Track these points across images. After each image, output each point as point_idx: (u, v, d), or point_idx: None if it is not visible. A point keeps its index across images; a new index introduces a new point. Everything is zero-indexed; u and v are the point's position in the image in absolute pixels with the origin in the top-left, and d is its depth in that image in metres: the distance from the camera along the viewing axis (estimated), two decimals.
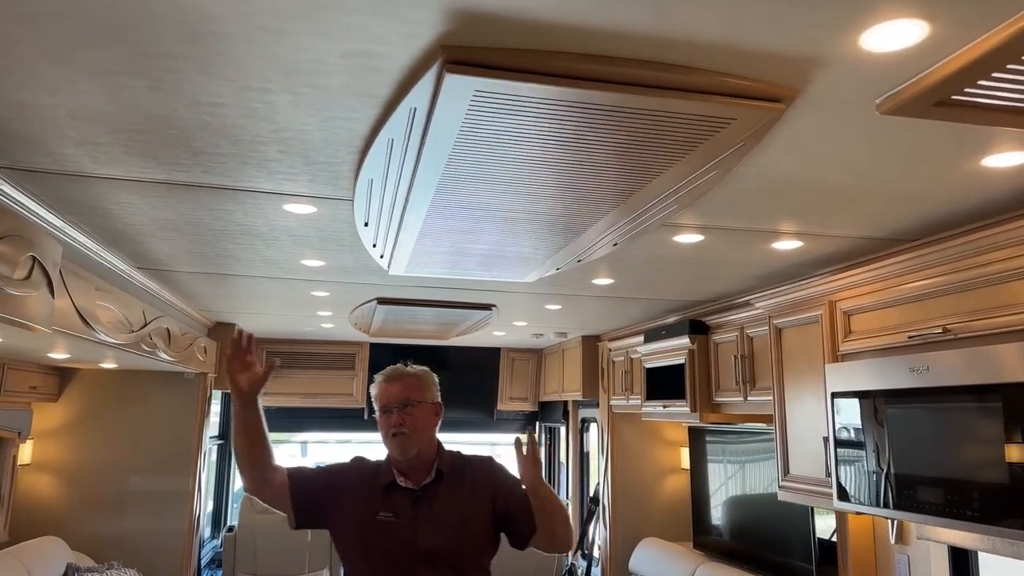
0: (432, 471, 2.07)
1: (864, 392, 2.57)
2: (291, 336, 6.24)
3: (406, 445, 2.03)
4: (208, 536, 6.04)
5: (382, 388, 2.13)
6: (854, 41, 1.29)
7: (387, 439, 2.07)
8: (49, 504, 4.65)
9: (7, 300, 2.03)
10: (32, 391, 4.34)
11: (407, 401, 2.07)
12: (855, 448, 2.63)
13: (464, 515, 2.03)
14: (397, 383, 2.12)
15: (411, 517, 2.00)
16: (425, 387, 2.15)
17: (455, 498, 2.05)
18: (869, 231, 2.52)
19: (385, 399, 2.09)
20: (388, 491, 2.04)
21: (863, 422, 2.60)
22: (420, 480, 2.05)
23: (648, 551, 4.82)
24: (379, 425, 2.11)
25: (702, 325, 4.08)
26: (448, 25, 1.28)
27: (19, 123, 1.72)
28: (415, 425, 2.05)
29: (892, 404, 2.45)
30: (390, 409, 2.07)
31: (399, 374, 2.16)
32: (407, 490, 2.04)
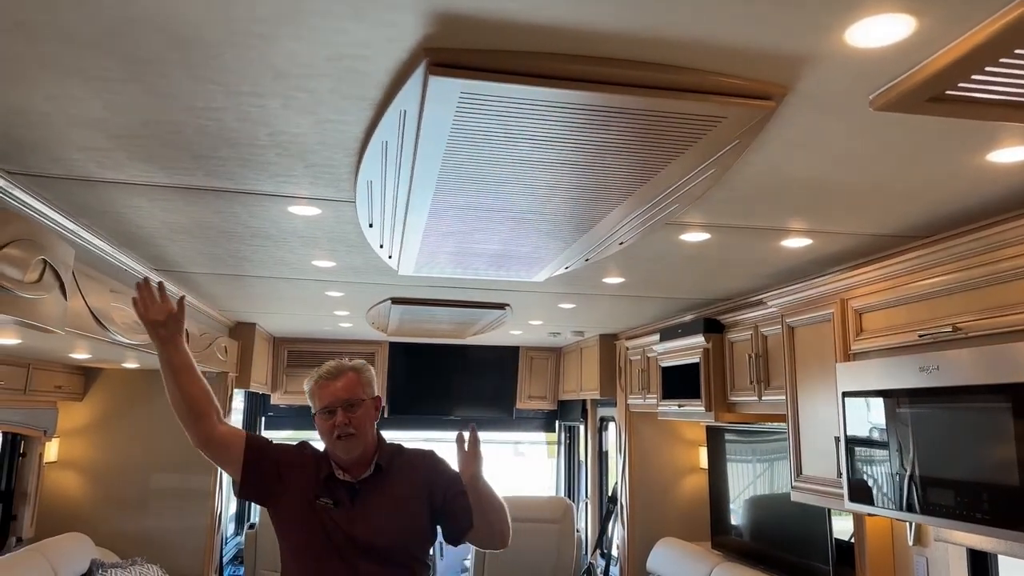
0: (371, 466, 2.05)
1: (874, 392, 2.53)
2: (311, 336, 6.31)
3: (351, 446, 2.01)
4: (232, 533, 6.14)
5: (322, 386, 2.06)
6: (839, 37, 1.28)
7: (330, 440, 2.02)
8: (75, 501, 4.75)
9: (18, 302, 2.09)
10: (57, 390, 4.44)
11: (351, 400, 2.03)
12: (867, 448, 2.59)
13: (401, 508, 2.03)
14: (338, 381, 2.05)
15: (348, 508, 1.99)
16: (366, 383, 2.11)
17: (392, 491, 2.04)
18: (878, 228, 2.48)
19: (327, 399, 2.03)
20: (327, 481, 2.02)
21: (873, 422, 2.56)
22: (359, 474, 2.04)
23: (665, 551, 4.80)
24: (319, 425, 2.05)
25: (717, 324, 4.04)
26: (430, 28, 1.29)
27: (23, 129, 1.76)
28: (359, 424, 2.02)
29: (902, 404, 2.41)
30: (333, 409, 2.01)
31: (340, 370, 2.09)
32: (345, 483, 2.03)
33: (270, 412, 6.73)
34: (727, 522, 4.50)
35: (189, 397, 2.00)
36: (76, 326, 2.57)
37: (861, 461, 2.62)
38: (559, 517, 5.71)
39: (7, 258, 2.00)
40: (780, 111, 1.59)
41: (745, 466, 4.36)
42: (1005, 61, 1.30)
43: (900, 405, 2.42)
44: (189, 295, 4.14)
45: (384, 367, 6.53)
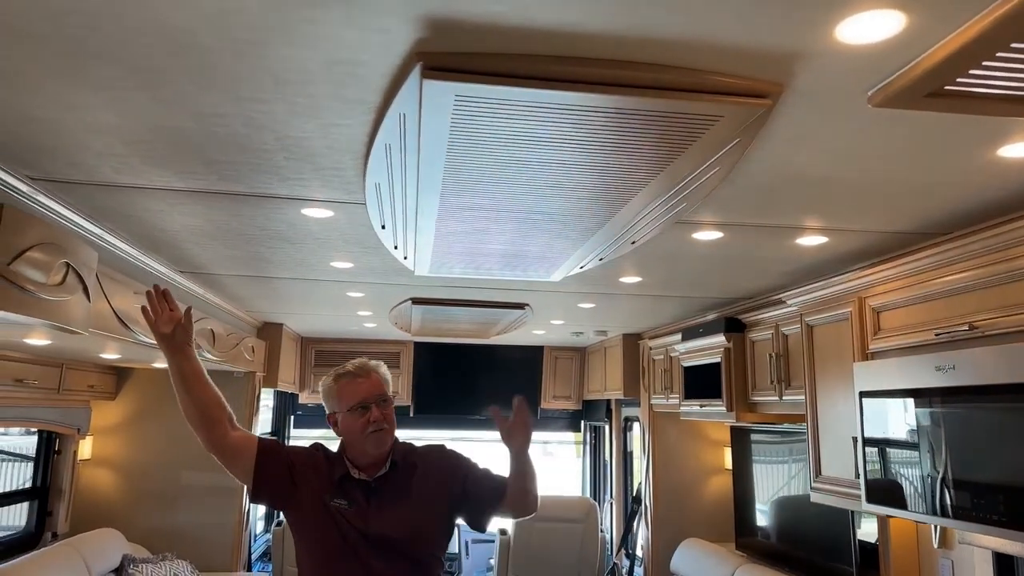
0: (387, 463, 2.06)
1: (891, 391, 2.50)
2: (338, 336, 6.39)
3: (385, 440, 2.03)
4: (261, 530, 6.24)
5: (354, 384, 2.06)
6: (830, 34, 1.27)
7: (362, 435, 2.01)
8: (108, 497, 4.87)
9: (42, 304, 2.16)
10: (90, 390, 4.56)
11: (384, 396, 2.06)
12: (884, 449, 2.56)
13: (416, 504, 2.03)
14: (370, 378, 2.07)
15: (364, 507, 2.00)
16: (388, 382, 2.14)
17: (408, 488, 2.04)
18: (893, 225, 2.45)
19: (363, 394, 2.03)
20: (341, 482, 2.03)
21: (891, 422, 2.52)
22: (374, 473, 2.05)
23: (689, 551, 4.77)
24: (348, 422, 2.04)
25: (738, 323, 4.01)
26: (421, 32, 1.31)
27: (41, 135, 1.82)
28: (392, 420, 2.05)
29: (919, 404, 2.37)
30: (368, 404, 2.02)
31: (369, 369, 2.11)
32: (361, 481, 2.04)
33: (299, 411, 6.83)
34: (752, 523, 4.45)
35: (200, 404, 2.00)
36: (100, 327, 2.64)
37: (878, 462, 2.58)
38: (583, 517, 5.71)
39: (30, 261, 2.07)
40: (779, 109, 1.58)
41: (770, 467, 4.32)
42: (1002, 55, 1.28)
43: (917, 405, 2.38)
44: (216, 296, 4.23)
45: (409, 367, 6.59)
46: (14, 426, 4.22)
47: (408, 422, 6.74)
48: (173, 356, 2.00)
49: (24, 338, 2.89)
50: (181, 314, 2.00)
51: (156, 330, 1.98)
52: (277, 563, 5.55)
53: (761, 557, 4.24)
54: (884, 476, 2.56)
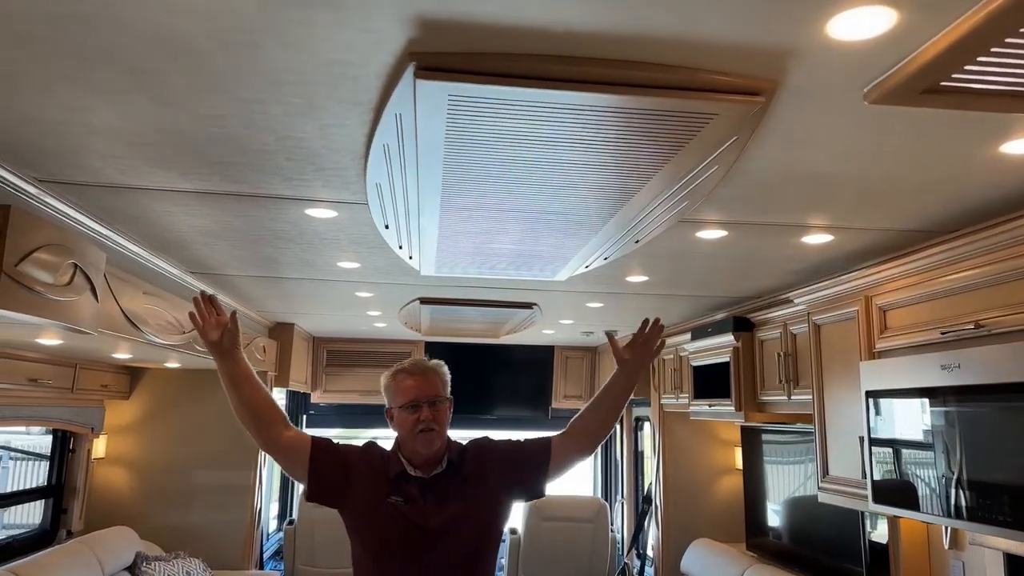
0: (443, 462, 2.07)
1: (897, 391, 2.48)
2: (349, 335, 6.42)
3: (434, 440, 2.03)
4: (275, 529, 6.29)
5: (408, 382, 2.07)
6: (821, 30, 1.26)
7: (412, 434, 2.03)
8: (121, 496, 4.93)
9: (49, 304, 2.19)
10: (104, 389, 4.61)
11: (436, 397, 2.06)
12: (890, 449, 2.54)
13: (472, 500, 2.04)
14: (424, 377, 2.08)
15: (420, 503, 2.01)
16: (445, 383, 2.13)
17: (463, 485, 2.05)
18: (898, 223, 2.43)
19: (414, 394, 2.04)
20: (398, 479, 2.04)
21: (897, 422, 2.50)
22: (430, 471, 2.06)
23: (699, 552, 4.75)
24: (400, 420, 2.06)
25: (747, 322, 3.99)
26: (412, 33, 1.32)
27: (44, 138, 1.84)
28: (441, 421, 2.05)
29: (925, 404, 2.35)
30: (420, 404, 2.03)
31: (424, 368, 2.11)
32: (417, 478, 2.04)
33: (311, 411, 6.88)
34: (762, 523, 4.43)
35: (252, 406, 2.01)
36: (109, 327, 2.68)
37: (885, 462, 2.56)
38: (593, 516, 5.71)
39: (37, 262, 2.11)
40: (775, 107, 1.57)
41: (781, 467, 4.29)
42: (997, 51, 1.27)
43: (922, 405, 2.36)
44: (227, 297, 4.27)
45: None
46: (29, 425, 4.28)
47: None
48: (223, 361, 1.99)
49: (36, 338, 2.93)
50: (227, 319, 1.99)
51: (204, 337, 1.97)
52: (289, 561, 5.59)
53: (772, 558, 4.21)
54: (890, 476, 2.54)
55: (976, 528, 2.16)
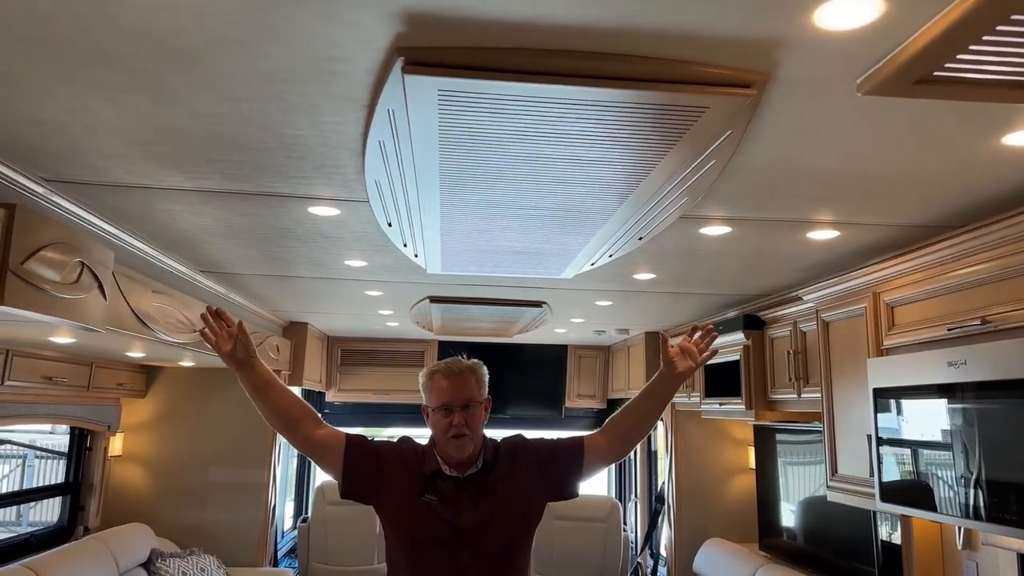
0: (478, 462, 2.05)
1: (904, 388, 2.45)
2: (362, 334, 6.46)
3: (465, 445, 2.01)
4: (289, 527, 6.33)
5: (442, 384, 2.04)
6: (808, 20, 1.25)
7: (444, 437, 2.01)
8: (137, 493, 4.99)
9: (56, 302, 2.22)
10: (120, 388, 4.67)
11: (469, 402, 2.02)
12: (899, 447, 2.50)
13: (506, 499, 2.03)
14: (457, 379, 2.04)
15: (455, 502, 1.99)
16: (481, 384, 2.10)
17: (497, 485, 2.04)
18: (904, 218, 2.40)
19: (447, 397, 2.02)
20: (432, 478, 2.03)
21: (905, 420, 2.47)
22: (466, 471, 2.04)
23: (712, 551, 4.72)
24: (433, 421, 2.05)
25: (757, 320, 3.96)
26: (399, 27, 1.32)
27: (48, 138, 1.87)
28: (474, 426, 2.02)
29: (932, 401, 2.32)
30: (452, 408, 2.00)
31: (459, 369, 2.08)
32: (452, 478, 2.03)
33: (326, 409, 6.92)
34: (775, 523, 4.39)
35: (279, 410, 2.02)
36: (118, 325, 2.71)
37: (892, 460, 2.53)
38: (605, 516, 5.69)
39: (43, 260, 2.14)
40: (768, 100, 1.56)
41: (795, 467, 4.25)
42: (989, 39, 1.25)
43: (930, 402, 2.33)
44: (239, 296, 4.31)
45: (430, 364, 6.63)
46: (46, 423, 4.35)
47: None
48: (241, 370, 1.99)
49: (49, 337, 2.98)
50: (236, 328, 2.00)
51: (219, 350, 1.98)
52: (302, 559, 5.63)
53: (784, 558, 4.17)
54: (898, 475, 2.50)
55: (988, 528, 2.13)
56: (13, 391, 3.47)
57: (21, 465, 5.66)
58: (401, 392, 6.54)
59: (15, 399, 3.59)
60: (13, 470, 5.75)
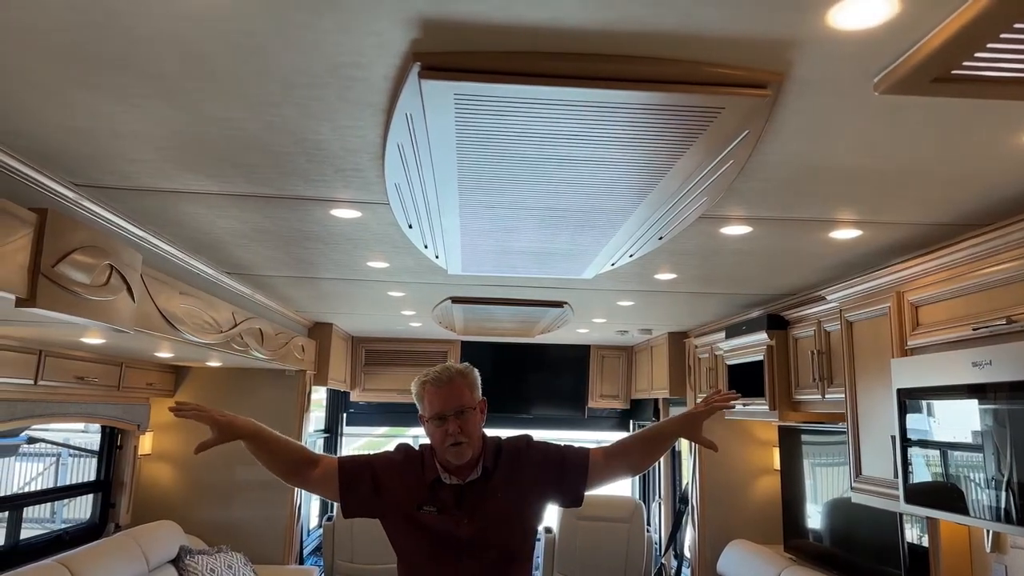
0: (478, 468, 2.06)
1: (929, 389, 2.42)
2: (386, 335, 6.51)
3: (463, 452, 2.01)
4: (315, 525, 6.40)
5: (433, 393, 2.04)
6: (822, 20, 1.25)
7: (442, 447, 2.02)
8: (166, 491, 5.07)
9: (87, 304, 2.27)
10: (149, 387, 4.76)
11: (461, 408, 2.02)
12: (924, 448, 2.47)
13: (507, 506, 2.04)
14: (447, 387, 2.04)
15: (455, 511, 2.01)
16: (473, 388, 2.10)
17: (498, 491, 2.05)
18: (928, 217, 2.37)
19: (439, 406, 2.02)
20: (432, 486, 2.04)
21: (930, 420, 2.44)
22: (466, 476, 2.05)
23: (736, 553, 4.69)
24: (430, 431, 2.06)
25: (781, 320, 3.93)
26: (415, 33, 1.34)
27: (77, 144, 1.93)
28: (469, 432, 2.02)
29: (957, 402, 2.29)
30: (446, 417, 2.01)
31: (448, 376, 2.07)
32: (451, 486, 2.04)
33: (351, 409, 6.98)
34: (801, 525, 4.35)
35: (280, 463, 2.09)
36: (146, 326, 2.77)
37: (916, 461, 2.50)
38: (628, 516, 5.68)
39: (73, 263, 2.19)
40: (784, 100, 1.56)
41: (821, 468, 4.21)
42: (1007, 37, 1.24)
43: (955, 403, 2.30)
44: (265, 297, 4.37)
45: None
46: (78, 422, 4.44)
47: None
48: (245, 439, 2.10)
49: (80, 337, 3.05)
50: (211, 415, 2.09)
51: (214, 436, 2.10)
52: (328, 557, 5.69)
53: (810, 559, 4.13)
54: (923, 476, 2.48)
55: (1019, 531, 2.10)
56: (46, 391, 3.56)
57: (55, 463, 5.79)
58: None
59: (48, 398, 3.68)
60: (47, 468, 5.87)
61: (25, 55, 1.44)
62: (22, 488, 5.38)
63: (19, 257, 1.93)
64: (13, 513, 3.78)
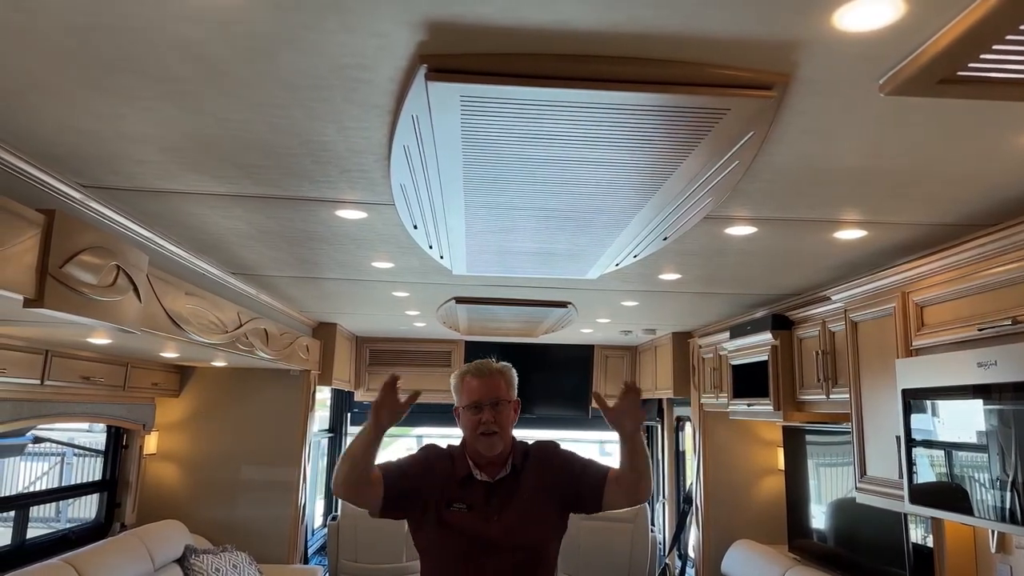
0: (507, 465, 2.09)
1: (934, 389, 2.42)
2: (390, 335, 6.52)
3: (495, 443, 2.05)
4: (319, 524, 6.42)
5: (472, 383, 2.10)
6: (828, 21, 1.25)
7: (474, 435, 2.06)
8: (172, 490, 5.09)
9: (93, 304, 2.28)
10: (154, 387, 4.78)
11: (497, 399, 2.07)
12: (929, 449, 2.47)
13: (533, 507, 2.05)
14: (487, 380, 2.10)
15: (484, 508, 2.03)
16: (510, 385, 2.15)
17: (525, 490, 2.07)
18: (932, 217, 2.37)
19: (477, 395, 2.08)
20: (462, 483, 2.06)
21: (935, 421, 2.44)
22: (495, 474, 2.08)
23: (740, 553, 4.69)
24: (464, 420, 2.10)
25: (785, 320, 3.93)
26: (422, 35, 1.34)
27: (84, 146, 1.93)
28: (502, 424, 2.06)
29: (962, 402, 2.29)
30: (481, 406, 2.05)
31: (488, 370, 2.13)
32: (482, 482, 2.07)
33: (355, 408, 6.99)
34: (805, 525, 4.35)
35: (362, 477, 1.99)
36: (152, 326, 2.78)
37: (921, 461, 2.50)
38: (633, 517, 5.68)
39: (80, 264, 2.20)
40: (789, 101, 1.56)
41: (825, 468, 4.21)
42: (1012, 38, 1.24)
43: (960, 403, 2.30)
44: (269, 297, 4.38)
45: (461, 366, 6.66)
46: (84, 421, 4.46)
47: None
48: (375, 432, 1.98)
49: (87, 338, 3.06)
50: (402, 404, 2.00)
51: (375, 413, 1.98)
52: (332, 556, 5.70)
53: (814, 560, 4.13)
54: (928, 476, 2.47)
55: (1016, 530, 2.09)
56: (52, 390, 3.58)
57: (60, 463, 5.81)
58: (429, 392, 6.54)
59: (54, 398, 3.70)
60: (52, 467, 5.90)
61: (33, 58, 1.45)
62: (28, 488, 5.41)
63: (27, 258, 1.94)
64: (19, 512, 3.80)
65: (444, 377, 6.60)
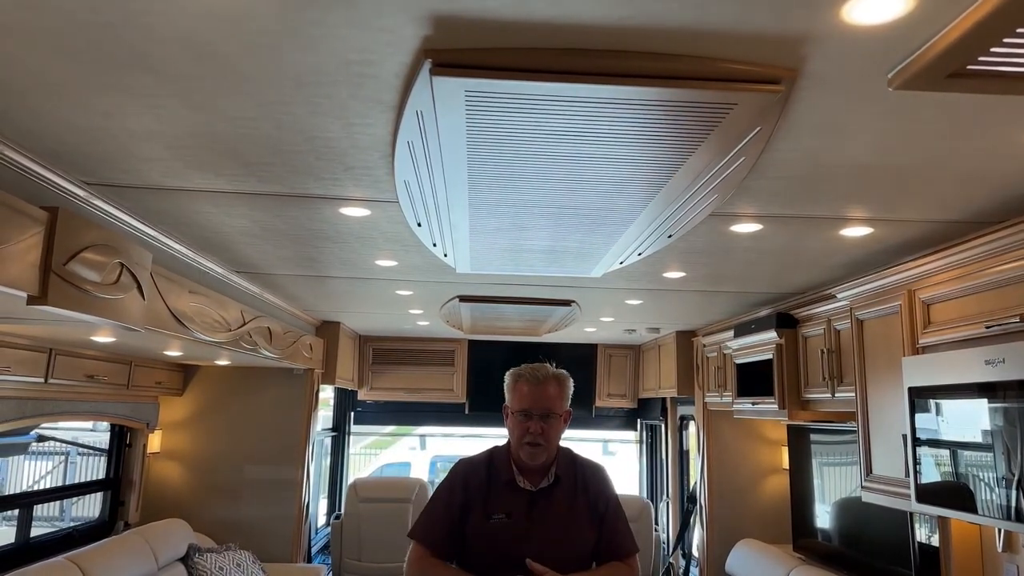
0: (550, 475, 2.07)
1: (941, 387, 2.40)
2: (393, 334, 6.51)
3: (538, 455, 2.04)
4: (323, 523, 6.42)
5: (523, 389, 2.08)
6: (836, 15, 1.24)
7: (519, 442, 2.04)
8: (175, 489, 5.09)
9: (97, 302, 2.28)
10: (158, 386, 4.78)
11: (548, 412, 2.04)
12: (935, 448, 2.46)
13: (573, 520, 2.05)
14: (542, 387, 2.07)
15: (525, 518, 2.02)
16: (564, 397, 2.12)
17: (566, 502, 2.06)
18: (940, 214, 2.36)
19: (528, 402, 2.05)
20: (504, 489, 2.05)
21: (941, 419, 2.43)
22: (538, 483, 2.06)
23: (744, 552, 4.68)
24: (511, 423, 2.08)
25: (790, 318, 3.91)
26: (427, 30, 1.34)
27: (89, 143, 1.93)
28: (550, 437, 2.04)
29: (969, 400, 2.28)
30: (531, 415, 2.03)
31: (543, 376, 2.10)
32: (525, 491, 2.05)
33: (358, 407, 6.99)
34: (810, 524, 4.34)
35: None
36: (156, 324, 2.77)
37: (929, 460, 2.49)
38: (636, 516, 5.66)
39: (84, 261, 2.19)
40: (797, 95, 1.55)
41: (830, 467, 4.20)
42: (1022, 31, 1.23)
43: (968, 401, 2.29)
44: (272, 295, 4.38)
45: (464, 365, 6.66)
46: (88, 420, 4.46)
47: (463, 420, 6.82)
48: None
49: (91, 336, 3.06)
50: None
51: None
52: (335, 556, 5.70)
53: (819, 559, 4.12)
54: (935, 475, 2.46)
55: (1022, 529, 2.08)
56: (56, 389, 3.58)
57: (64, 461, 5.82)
58: (432, 391, 6.60)
59: (58, 397, 3.70)
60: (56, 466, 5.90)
61: (40, 55, 1.44)
62: (32, 486, 5.41)
63: (30, 255, 1.94)
64: (23, 511, 3.80)
65: (447, 376, 6.67)
